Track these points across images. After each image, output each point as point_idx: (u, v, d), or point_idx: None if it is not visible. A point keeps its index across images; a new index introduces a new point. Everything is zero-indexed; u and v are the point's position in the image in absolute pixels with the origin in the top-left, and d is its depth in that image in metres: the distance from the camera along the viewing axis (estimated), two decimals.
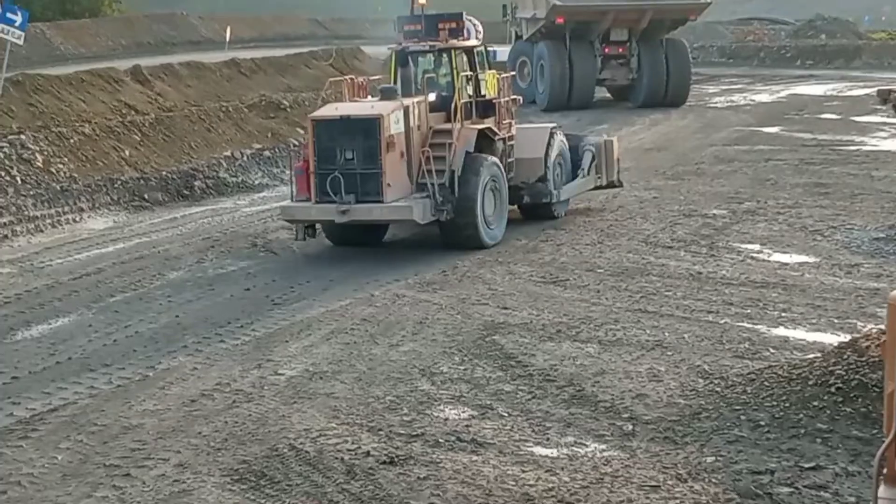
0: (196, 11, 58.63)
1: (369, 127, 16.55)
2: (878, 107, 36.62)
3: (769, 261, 16.41)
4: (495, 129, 18.40)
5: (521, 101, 20.88)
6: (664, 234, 18.30)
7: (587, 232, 18.62)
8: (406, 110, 17.07)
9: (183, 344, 12.93)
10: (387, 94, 17.48)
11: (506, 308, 14.08)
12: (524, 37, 39.46)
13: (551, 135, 19.49)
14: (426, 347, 12.52)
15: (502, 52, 37.23)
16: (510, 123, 19.05)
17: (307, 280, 15.90)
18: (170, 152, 24.64)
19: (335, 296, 14.98)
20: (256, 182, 25.13)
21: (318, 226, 17.58)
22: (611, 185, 20.95)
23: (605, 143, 20.64)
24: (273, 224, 20.00)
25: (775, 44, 62.03)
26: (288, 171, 21.51)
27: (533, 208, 19.44)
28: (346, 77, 18.74)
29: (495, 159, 18.02)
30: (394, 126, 16.75)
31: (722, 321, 13.27)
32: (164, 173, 23.50)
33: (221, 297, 15.12)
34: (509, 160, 18.79)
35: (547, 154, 19.24)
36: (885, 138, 29.34)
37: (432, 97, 17.96)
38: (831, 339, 12.28)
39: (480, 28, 22.94)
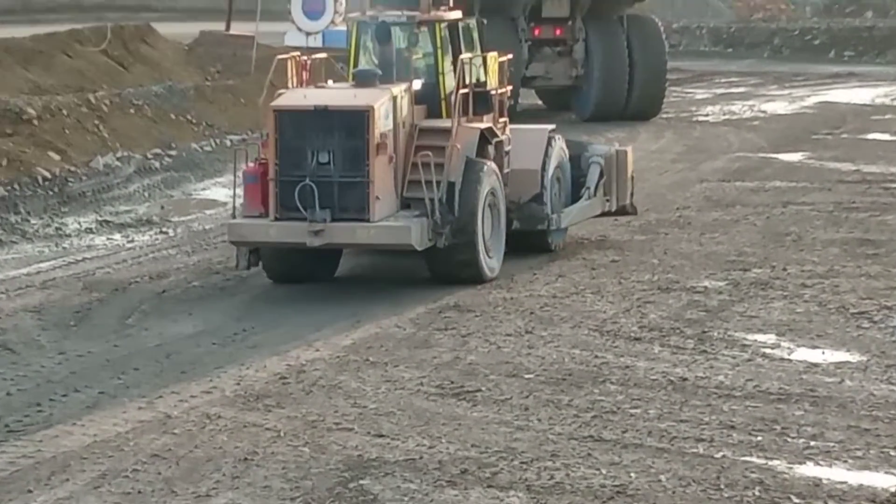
0: None
1: (355, 122, 18.79)
2: None
3: (790, 360, 16.63)
4: (496, 131, 20.05)
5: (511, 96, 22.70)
6: (628, 318, 18.46)
7: (508, 315, 18.69)
8: (394, 101, 19.19)
9: None
10: (364, 80, 19.63)
11: (381, 436, 14.05)
12: None
13: (549, 140, 21.10)
14: (254, 500, 12.43)
15: None
16: (505, 123, 20.74)
17: (63, 393, 15.70)
18: None
19: (109, 417, 14.81)
20: None
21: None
22: (622, 212, 22.65)
23: (618, 155, 22.36)
24: (10, 304, 19.73)
25: (797, 25, 63.40)
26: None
27: (522, 237, 20.91)
28: (292, 54, 20.37)
29: (494, 166, 20.10)
30: (383, 122, 18.88)
31: (718, 454, 13.38)
32: None
33: None
34: (505, 171, 20.33)
35: (544, 165, 20.82)
36: None
37: (417, 85, 19.65)
38: (886, 481, 12.44)
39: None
